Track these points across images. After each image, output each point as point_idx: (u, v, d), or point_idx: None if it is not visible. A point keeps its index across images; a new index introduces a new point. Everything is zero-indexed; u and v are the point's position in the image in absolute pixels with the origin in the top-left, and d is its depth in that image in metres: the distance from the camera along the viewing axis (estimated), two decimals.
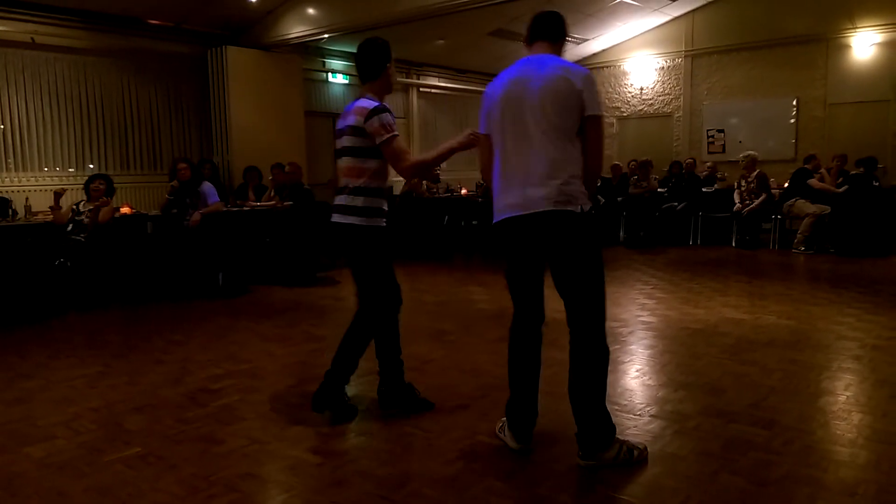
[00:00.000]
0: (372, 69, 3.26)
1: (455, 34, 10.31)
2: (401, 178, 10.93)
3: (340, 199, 3.24)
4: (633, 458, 2.72)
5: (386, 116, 3.12)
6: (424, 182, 10.40)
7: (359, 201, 3.18)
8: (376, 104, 3.15)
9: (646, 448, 2.79)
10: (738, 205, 9.44)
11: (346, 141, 3.22)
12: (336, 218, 3.26)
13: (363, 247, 3.24)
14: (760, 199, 9.30)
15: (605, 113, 2.68)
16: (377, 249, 3.25)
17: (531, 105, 2.67)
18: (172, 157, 8.33)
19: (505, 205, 2.74)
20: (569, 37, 2.94)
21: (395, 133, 3.14)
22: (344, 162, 3.25)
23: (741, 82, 11.48)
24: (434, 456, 2.84)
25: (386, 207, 3.28)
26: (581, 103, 2.63)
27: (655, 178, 10.54)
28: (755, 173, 9.41)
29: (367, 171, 3.19)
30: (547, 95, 2.64)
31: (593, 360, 2.70)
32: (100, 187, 6.56)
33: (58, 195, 6.29)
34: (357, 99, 3.25)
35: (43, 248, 6.15)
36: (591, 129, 2.68)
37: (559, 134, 2.64)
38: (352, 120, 3.18)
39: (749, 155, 9.54)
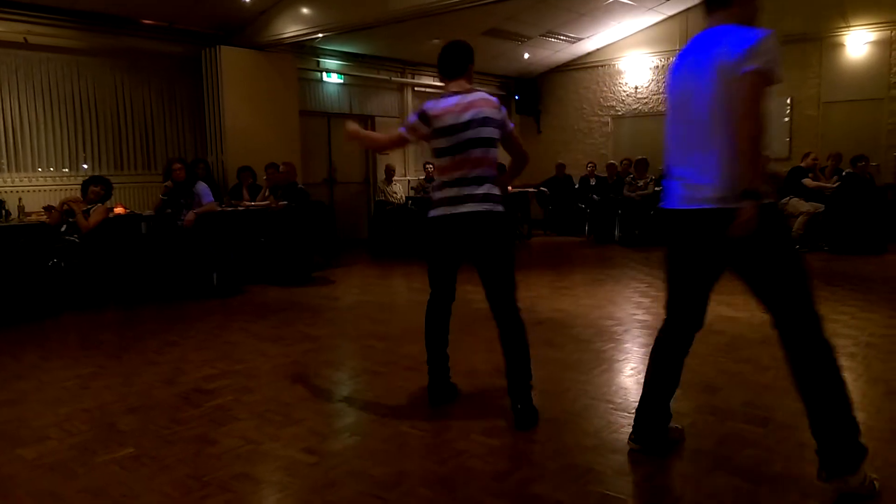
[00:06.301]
0: None
1: (449, 34, 10.15)
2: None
3: (482, 189, 3.19)
4: (875, 489, 2.36)
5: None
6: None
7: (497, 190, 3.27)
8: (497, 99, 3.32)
9: (878, 478, 2.43)
10: None
11: (490, 132, 3.21)
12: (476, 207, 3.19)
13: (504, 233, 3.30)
14: None
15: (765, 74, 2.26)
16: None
17: (698, 90, 2.44)
18: (166, 157, 8.30)
19: (671, 195, 2.57)
20: None
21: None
22: (483, 153, 3.21)
23: None
24: (428, 455, 2.84)
25: None
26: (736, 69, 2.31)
27: (652, 180, 10.55)
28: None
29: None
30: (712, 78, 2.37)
31: (813, 361, 2.37)
32: (99, 192, 6.54)
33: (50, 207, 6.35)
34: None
35: (36, 248, 6.12)
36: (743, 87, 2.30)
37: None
38: (490, 112, 3.23)
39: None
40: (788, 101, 10.95)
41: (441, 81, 3.37)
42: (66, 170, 7.94)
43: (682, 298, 2.65)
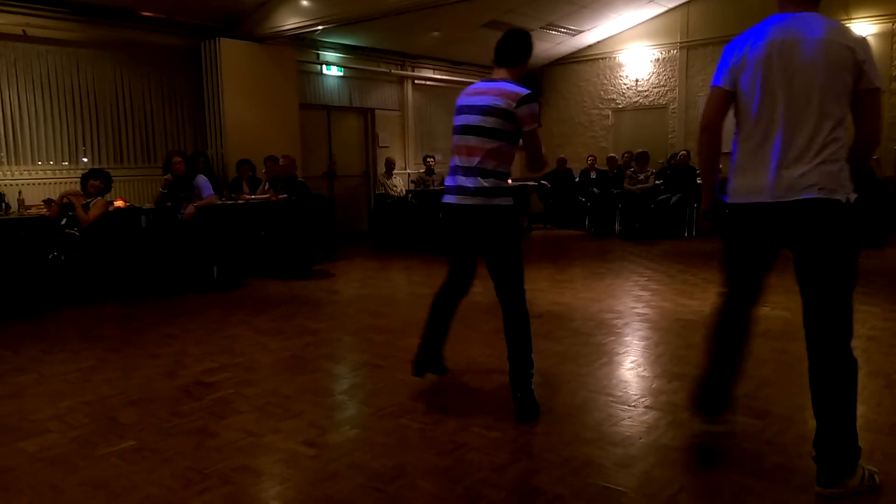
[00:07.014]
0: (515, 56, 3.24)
1: (449, 26, 10.27)
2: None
3: (475, 182, 3.06)
4: (875, 483, 2.39)
5: (535, 106, 3.07)
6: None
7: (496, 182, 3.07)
8: (529, 91, 3.03)
9: (878, 471, 2.45)
10: None
11: (484, 121, 3.04)
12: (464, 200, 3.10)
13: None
14: None
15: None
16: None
17: (803, 70, 2.41)
18: (166, 150, 8.29)
19: (751, 186, 2.45)
20: None
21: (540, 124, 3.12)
22: (473, 141, 3.07)
23: None
24: (428, 448, 2.84)
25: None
26: (858, 73, 2.41)
27: (653, 173, 10.56)
28: None
29: (503, 154, 3.08)
30: (822, 61, 2.41)
31: (836, 374, 2.34)
32: (99, 186, 6.54)
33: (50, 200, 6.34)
34: (495, 81, 3.14)
35: (36, 242, 6.12)
36: (869, 102, 2.43)
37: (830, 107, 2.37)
38: (498, 101, 3.03)
39: None
40: None
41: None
42: (66, 163, 7.93)
43: (742, 283, 2.61)
